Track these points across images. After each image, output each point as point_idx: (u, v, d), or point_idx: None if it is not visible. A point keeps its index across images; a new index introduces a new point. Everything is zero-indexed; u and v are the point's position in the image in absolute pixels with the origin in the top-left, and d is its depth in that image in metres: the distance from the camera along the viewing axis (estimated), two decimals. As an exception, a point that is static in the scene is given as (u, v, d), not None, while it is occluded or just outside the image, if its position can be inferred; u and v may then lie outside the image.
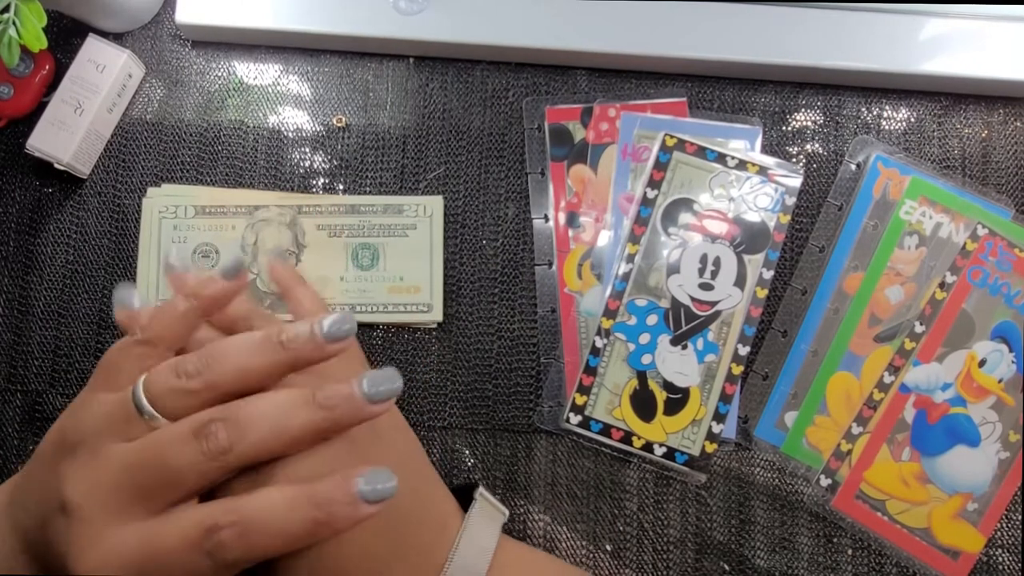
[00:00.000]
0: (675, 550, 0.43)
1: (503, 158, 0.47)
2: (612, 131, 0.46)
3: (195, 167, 0.47)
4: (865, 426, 0.43)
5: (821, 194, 0.46)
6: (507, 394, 0.45)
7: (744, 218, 0.45)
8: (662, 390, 0.44)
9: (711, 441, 0.43)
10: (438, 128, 0.47)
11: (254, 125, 0.47)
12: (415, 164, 0.47)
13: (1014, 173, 0.47)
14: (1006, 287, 0.44)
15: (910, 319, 0.44)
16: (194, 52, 0.48)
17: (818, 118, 0.47)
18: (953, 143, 0.47)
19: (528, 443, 0.44)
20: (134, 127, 0.47)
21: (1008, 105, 0.47)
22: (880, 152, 0.46)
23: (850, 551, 0.43)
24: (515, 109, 0.47)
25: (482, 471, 0.44)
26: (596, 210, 0.46)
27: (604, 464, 0.44)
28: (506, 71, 0.48)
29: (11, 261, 0.46)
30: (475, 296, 0.46)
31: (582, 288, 0.45)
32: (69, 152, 0.44)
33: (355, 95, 0.48)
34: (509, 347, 0.45)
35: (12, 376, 0.45)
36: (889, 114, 0.47)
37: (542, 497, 0.44)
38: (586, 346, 0.44)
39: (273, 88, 0.48)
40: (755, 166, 0.45)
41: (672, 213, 0.45)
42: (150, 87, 0.48)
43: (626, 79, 0.47)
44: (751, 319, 0.44)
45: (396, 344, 0.45)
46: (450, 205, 0.46)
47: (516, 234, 0.46)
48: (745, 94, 0.47)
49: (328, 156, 0.47)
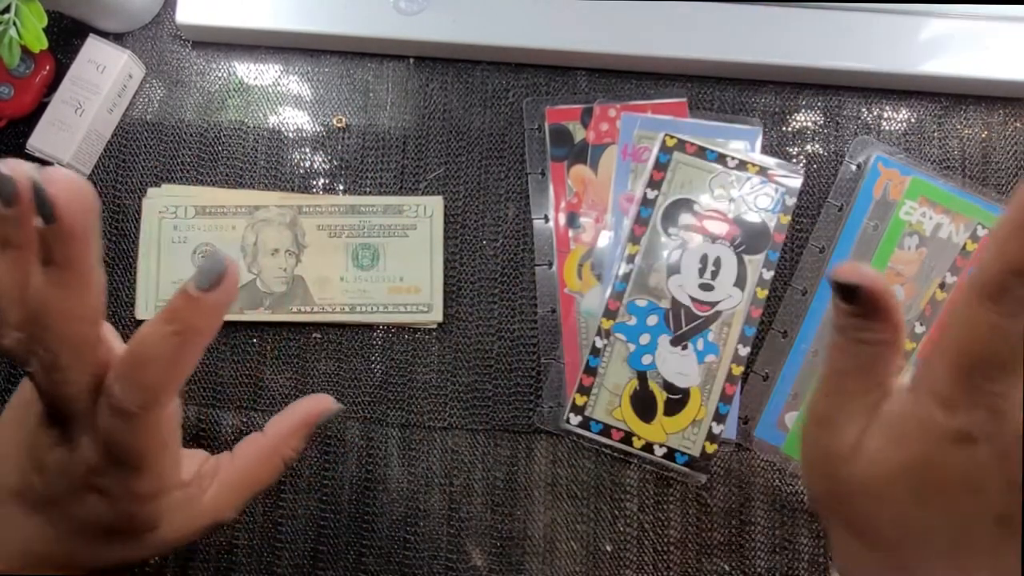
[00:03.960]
0: (675, 551, 0.43)
1: (503, 158, 0.47)
2: (612, 131, 0.46)
3: (195, 167, 0.47)
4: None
5: (821, 194, 0.46)
6: (507, 394, 0.45)
7: (744, 218, 0.45)
8: (662, 390, 0.44)
9: (711, 442, 0.43)
10: (438, 128, 0.47)
11: (254, 125, 0.47)
12: (415, 164, 0.47)
13: (1014, 174, 0.47)
14: (1006, 287, 0.44)
15: (910, 319, 0.44)
16: (194, 52, 0.48)
17: (818, 118, 0.47)
18: (953, 144, 0.47)
19: (528, 443, 0.44)
20: (134, 127, 0.47)
21: (1008, 106, 0.47)
22: (880, 152, 0.46)
23: (850, 551, 0.43)
24: (515, 109, 0.47)
25: (482, 471, 0.44)
26: (596, 210, 0.46)
27: (604, 465, 0.44)
28: (506, 71, 0.48)
29: (11, 261, 0.46)
30: (475, 296, 0.46)
31: (582, 288, 0.45)
32: (69, 152, 0.44)
33: (355, 95, 0.48)
34: (509, 347, 0.45)
35: (12, 376, 0.45)
36: (889, 115, 0.47)
37: (542, 497, 0.44)
38: (586, 346, 0.44)
39: (273, 88, 0.48)
40: (755, 166, 0.45)
41: (672, 213, 0.45)
42: (150, 87, 0.48)
43: (626, 79, 0.47)
44: (751, 319, 0.44)
45: (396, 344, 0.45)
46: (450, 205, 0.46)
47: (516, 234, 0.46)
48: (745, 94, 0.47)
49: (328, 156, 0.47)
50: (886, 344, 0.28)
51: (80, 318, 0.25)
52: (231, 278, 0.26)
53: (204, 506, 0.31)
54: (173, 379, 0.26)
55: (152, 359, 0.25)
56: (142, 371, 0.26)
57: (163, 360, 0.25)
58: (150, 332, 0.26)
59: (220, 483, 0.31)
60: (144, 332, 0.26)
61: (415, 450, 0.44)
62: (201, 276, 0.25)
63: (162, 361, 0.26)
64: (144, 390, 0.26)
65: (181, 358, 0.26)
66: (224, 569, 0.43)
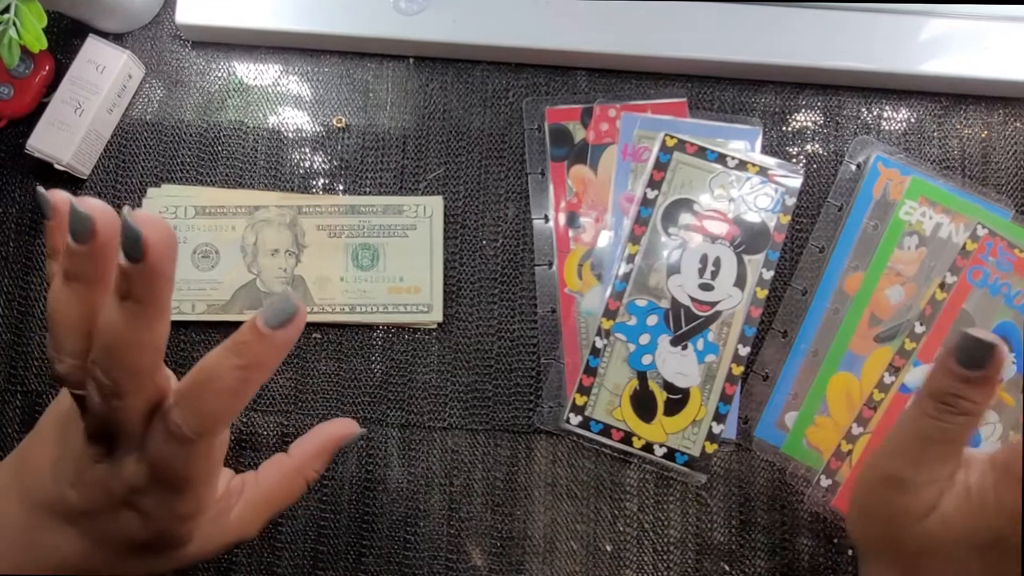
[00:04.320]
0: (675, 551, 0.43)
1: (503, 158, 0.47)
2: (612, 131, 0.46)
3: (195, 167, 0.47)
4: (865, 426, 0.43)
5: (821, 194, 0.46)
6: (507, 394, 0.45)
7: (744, 218, 0.45)
8: (662, 390, 0.44)
9: (711, 441, 0.43)
10: (438, 128, 0.47)
11: (254, 125, 0.47)
12: (415, 164, 0.47)
13: (1014, 173, 0.47)
14: (1006, 287, 0.44)
15: (910, 319, 0.44)
16: (194, 52, 0.48)
17: (818, 118, 0.47)
18: (953, 143, 0.47)
19: (528, 443, 0.44)
20: (134, 127, 0.47)
21: (1008, 105, 0.47)
22: (880, 152, 0.46)
23: (850, 551, 0.43)
24: (515, 109, 0.47)
25: (482, 471, 0.44)
26: (596, 210, 0.46)
27: (604, 465, 0.44)
28: (506, 71, 0.48)
29: (11, 261, 0.46)
30: (475, 296, 0.46)
31: (582, 288, 0.45)
32: (69, 153, 0.44)
33: (355, 95, 0.48)
34: (509, 347, 0.45)
35: (12, 376, 0.45)
36: (889, 114, 0.47)
37: (542, 497, 0.44)
38: (586, 346, 0.44)
39: (273, 88, 0.48)
40: (755, 166, 0.45)
41: (672, 213, 0.45)
42: (150, 87, 0.48)
43: (626, 79, 0.47)
44: (751, 319, 0.44)
45: (396, 344, 0.45)
46: (450, 205, 0.46)
47: (516, 234, 0.46)
48: (745, 94, 0.47)
49: (328, 156, 0.47)
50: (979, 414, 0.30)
51: (151, 350, 0.26)
52: (301, 318, 0.26)
53: (231, 523, 0.31)
54: (232, 410, 0.27)
55: (215, 390, 0.26)
56: (203, 400, 0.26)
57: (225, 391, 0.26)
58: (215, 363, 0.26)
59: (246, 501, 0.32)
60: (209, 362, 0.26)
61: (415, 450, 0.44)
62: (272, 314, 0.26)
63: (224, 392, 0.26)
64: (203, 418, 0.26)
65: (242, 390, 0.26)
66: (224, 569, 0.43)
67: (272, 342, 0.26)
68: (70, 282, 0.26)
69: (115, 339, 0.25)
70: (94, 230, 0.25)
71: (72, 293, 0.26)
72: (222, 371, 0.26)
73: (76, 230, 0.25)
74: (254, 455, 0.44)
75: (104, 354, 0.25)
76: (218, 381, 0.26)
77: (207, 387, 0.26)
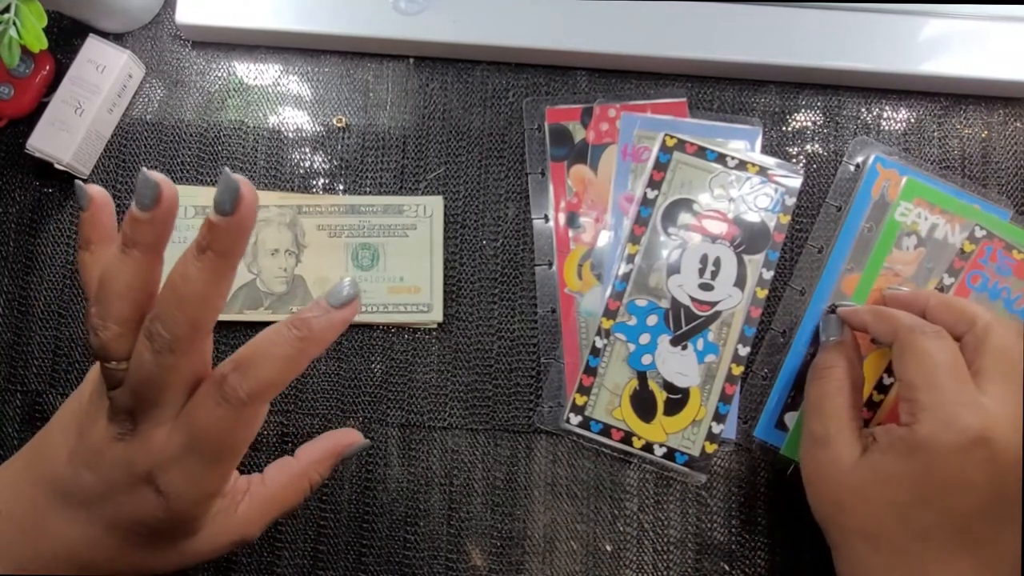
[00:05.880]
0: (675, 550, 0.43)
1: (503, 158, 0.47)
2: (612, 131, 0.46)
3: (195, 167, 0.47)
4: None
5: (821, 194, 0.46)
6: (507, 394, 0.45)
7: (744, 218, 0.45)
8: (662, 390, 0.44)
9: (711, 441, 0.43)
10: (438, 128, 0.47)
11: (254, 125, 0.47)
12: (415, 164, 0.47)
13: (1014, 174, 0.47)
14: (1006, 291, 0.44)
15: (910, 319, 0.44)
16: (194, 52, 0.48)
17: (818, 118, 0.47)
18: (953, 144, 0.47)
19: (528, 443, 0.44)
20: (134, 127, 0.47)
21: (1008, 105, 0.47)
22: (879, 153, 0.46)
23: (850, 551, 0.43)
24: (515, 109, 0.47)
25: (482, 471, 0.44)
26: (596, 210, 0.46)
27: (604, 464, 0.44)
28: (506, 71, 0.48)
29: (11, 261, 0.46)
30: (475, 296, 0.46)
31: (582, 288, 0.45)
32: (69, 152, 0.44)
33: (355, 95, 0.48)
34: (509, 347, 0.45)
35: (12, 376, 0.45)
36: (889, 115, 0.47)
37: (542, 497, 0.44)
38: (586, 346, 0.44)
39: (273, 88, 0.48)
40: (755, 166, 0.45)
41: (672, 213, 0.45)
42: (150, 87, 0.48)
43: (626, 79, 0.47)
44: (751, 319, 0.44)
45: (396, 344, 0.45)
46: (450, 205, 0.46)
47: (516, 234, 0.46)
48: (745, 94, 0.47)
49: (328, 156, 0.47)
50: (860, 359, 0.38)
51: (214, 309, 0.28)
52: (357, 303, 0.29)
53: (235, 521, 0.32)
54: (285, 379, 0.29)
55: (273, 356, 0.28)
56: (261, 366, 0.28)
57: (282, 358, 0.28)
58: (276, 332, 0.29)
59: (251, 501, 0.33)
60: (269, 332, 0.29)
61: (415, 450, 0.44)
62: (336, 296, 0.29)
63: (282, 359, 0.28)
64: (259, 382, 0.28)
65: (298, 360, 0.29)
66: (224, 569, 0.43)
67: (334, 320, 0.29)
68: (128, 248, 0.28)
69: (187, 290, 0.27)
70: (160, 196, 0.27)
71: (128, 259, 0.28)
72: (282, 340, 0.28)
73: (143, 195, 0.27)
74: (254, 455, 0.44)
75: (171, 305, 0.27)
76: (278, 348, 0.28)
77: (266, 353, 0.28)
